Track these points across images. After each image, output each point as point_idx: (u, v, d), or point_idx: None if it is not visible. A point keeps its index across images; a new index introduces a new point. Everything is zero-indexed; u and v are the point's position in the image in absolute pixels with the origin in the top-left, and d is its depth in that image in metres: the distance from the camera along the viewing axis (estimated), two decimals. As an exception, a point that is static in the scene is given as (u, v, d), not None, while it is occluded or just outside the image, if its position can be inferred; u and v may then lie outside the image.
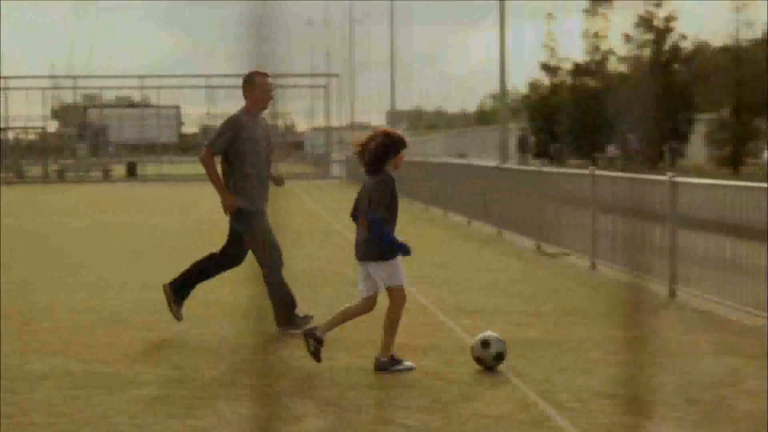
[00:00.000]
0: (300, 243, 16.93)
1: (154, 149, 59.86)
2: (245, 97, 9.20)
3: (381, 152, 7.70)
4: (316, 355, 7.73)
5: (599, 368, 7.82)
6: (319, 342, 7.73)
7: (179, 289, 9.46)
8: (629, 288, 12.02)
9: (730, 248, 10.26)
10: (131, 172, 53.94)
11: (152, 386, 7.36)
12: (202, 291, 9.95)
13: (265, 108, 9.16)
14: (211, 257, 9.48)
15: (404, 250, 7.66)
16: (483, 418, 6.53)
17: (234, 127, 9.00)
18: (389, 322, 7.80)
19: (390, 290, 7.78)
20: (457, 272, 13.54)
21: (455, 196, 23.07)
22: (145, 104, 64.80)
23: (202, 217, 23.53)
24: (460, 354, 8.21)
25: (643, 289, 11.91)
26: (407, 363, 7.79)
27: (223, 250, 9.44)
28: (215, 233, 16.11)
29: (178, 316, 9.47)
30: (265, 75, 9.01)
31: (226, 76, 60.52)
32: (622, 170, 43.19)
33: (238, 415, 6.58)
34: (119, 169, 54.63)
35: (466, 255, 15.79)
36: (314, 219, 23.38)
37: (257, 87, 9.03)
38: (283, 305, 9.15)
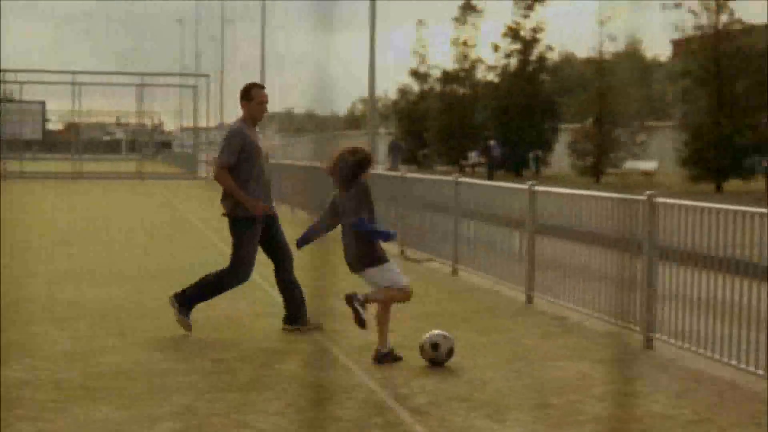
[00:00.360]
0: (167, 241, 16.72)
1: (16, 145, 58.36)
2: (243, 109, 9.50)
3: (356, 169, 8.25)
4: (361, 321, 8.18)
5: (456, 372, 7.96)
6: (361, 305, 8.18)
7: (187, 302, 9.45)
8: (488, 294, 12.27)
9: (585, 256, 10.53)
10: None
11: (4, 388, 7.23)
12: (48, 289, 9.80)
13: (260, 119, 9.50)
14: (221, 272, 9.47)
15: (386, 236, 8.26)
16: (338, 421, 6.59)
17: (239, 138, 9.28)
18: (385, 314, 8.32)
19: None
20: (319, 278, 13.58)
21: (321, 200, 23.06)
22: (8, 99, 63.20)
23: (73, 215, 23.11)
24: (321, 357, 8.28)
25: (502, 295, 12.16)
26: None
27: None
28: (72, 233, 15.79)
29: (186, 327, 9.36)
30: (261, 87, 9.51)
31: (93, 73, 59.58)
32: (487, 177, 43.93)
33: (93, 419, 6.50)
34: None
35: (328, 260, 15.83)
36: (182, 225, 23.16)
37: (253, 99, 9.38)
38: (296, 303, 9.54)
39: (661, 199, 9.19)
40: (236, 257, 9.32)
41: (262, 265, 9.88)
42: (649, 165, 43.35)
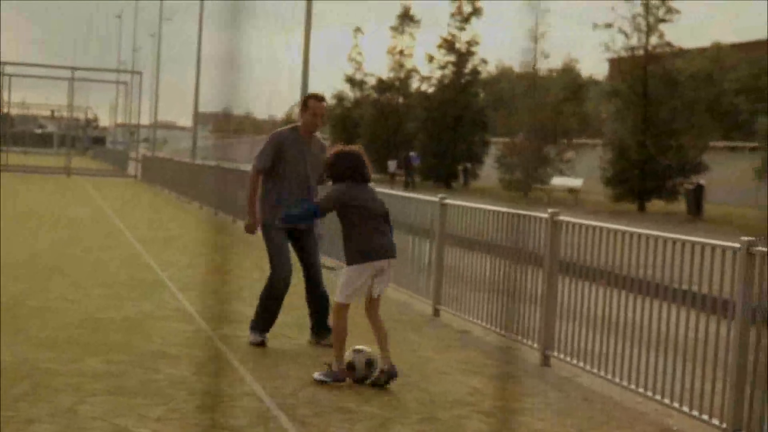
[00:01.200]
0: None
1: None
2: (301, 118, 9.47)
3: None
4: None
5: (347, 384, 7.92)
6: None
7: (261, 326, 9.29)
8: (398, 306, 12.27)
9: (489, 270, 10.58)
10: None
11: None
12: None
13: (312, 131, 9.39)
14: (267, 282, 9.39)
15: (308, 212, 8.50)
16: (220, 429, 6.54)
17: (275, 143, 9.31)
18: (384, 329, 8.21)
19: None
20: (235, 279, 13.51)
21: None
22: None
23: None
24: (213, 364, 8.21)
25: (411, 307, 12.17)
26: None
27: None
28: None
29: (259, 344, 9.20)
30: (319, 99, 9.41)
31: (23, 64, 58.78)
32: (404, 187, 44.05)
33: (-33, 418, 6.38)
34: None
35: (244, 262, 15.76)
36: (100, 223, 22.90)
37: (309, 109, 9.35)
38: (322, 317, 9.46)
39: (563, 218, 9.27)
40: (269, 262, 9.30)
41: (174, 267, 9.79)
42: (574, 182, 43.77)
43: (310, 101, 9.39)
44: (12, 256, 14.62)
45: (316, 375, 7.96)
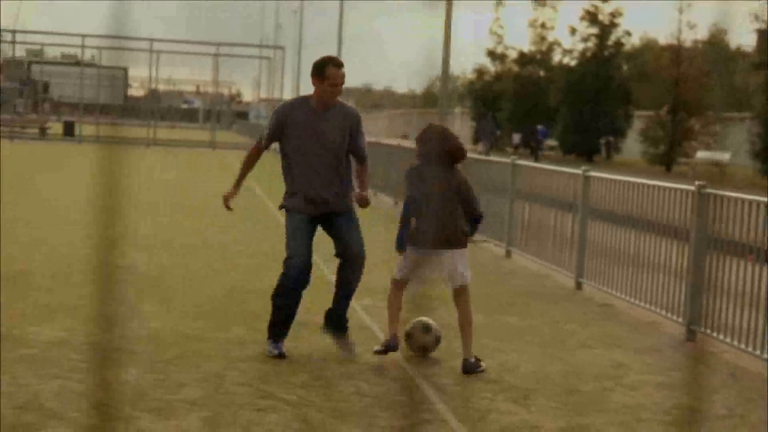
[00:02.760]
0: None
1: (95, 109, 59.19)
2: (314, 86, 7.85)
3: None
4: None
5: (489, 355, 7.91)
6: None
7: (275, 333, 7.78)
8: (538, 278, 12.20)
9: (634, 244, 10.42)
10: (68, 131, 53.24)
11: (39, 347, 7.37)
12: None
13: (330, 104, 7.79)
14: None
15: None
16: (363, 396, 6.61)
17: (279, 115, 7.87)
18: (468, 321, 7.68)
19: (464, 287, 7.75)
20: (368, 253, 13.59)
21: (384, 177, 23.04)
22: (90, 64, 64.09)
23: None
24: (355, 333, 8.26)
25: (552, 279, 12.09)
26: (483, 364, 7.53)
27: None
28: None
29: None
30: (337, 66, 7.76)
31: (170, 41, 60.11)
32: (534, 160, 43.58)
33: (120, 381, 6.60)
34: (57, 128, 53.97)
35: (378, 237, 15.86)
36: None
37: (327, 79, 7.70)
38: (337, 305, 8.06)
39: (711, 190, 9.06)
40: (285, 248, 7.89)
41: (317, 238, 9.67)
42: (721, 156, 42.66)
43: (328, 68, 7.68)
44: (160, 228, 15.01)
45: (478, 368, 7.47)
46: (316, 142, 7.75)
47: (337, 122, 7.80)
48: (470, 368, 7.36)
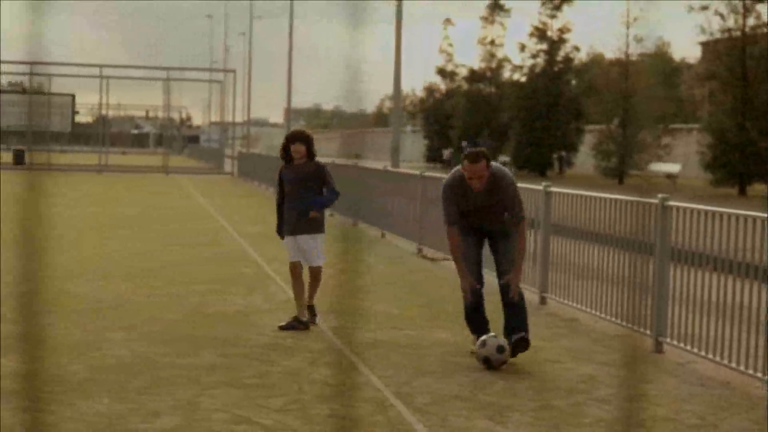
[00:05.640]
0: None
1: (43, 137, 58.59)
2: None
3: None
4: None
5: (460, 372, 7.93)
6: None
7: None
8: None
9: (597, 258, 10.48)
10: (19, 160, 52.74)
11: (8, 379, 7.28)
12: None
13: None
14: None
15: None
16: (340, 419, 6.60)
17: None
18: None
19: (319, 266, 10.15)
20: (337, 274, 13.59)
21: (344, 197, 22.99)
22: (37, 91, 63.47)
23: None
24: (327, 354, 8.27)
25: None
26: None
27: None
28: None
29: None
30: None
31: (120, 66, 59.76)
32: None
33: (93, 412, 6.53)
34: (6, 156, 53.43)
35: (348, 257, 15.85)
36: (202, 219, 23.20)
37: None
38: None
39: (673, 203, 9.15)
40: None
41: (277, 261, 9.87)
42: (672, 168, 43.11)
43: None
44: (117, 254, 14.90)
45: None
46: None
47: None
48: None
